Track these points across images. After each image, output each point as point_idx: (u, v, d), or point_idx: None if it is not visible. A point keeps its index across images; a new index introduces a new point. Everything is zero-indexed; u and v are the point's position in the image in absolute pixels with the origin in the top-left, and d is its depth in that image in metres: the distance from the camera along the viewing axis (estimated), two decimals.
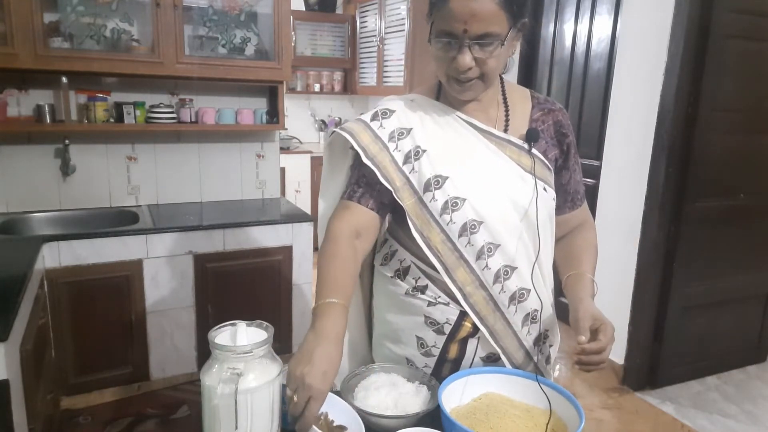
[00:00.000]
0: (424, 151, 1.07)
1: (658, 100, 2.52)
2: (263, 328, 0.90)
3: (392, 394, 1.02)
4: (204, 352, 2.59)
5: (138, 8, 2.55)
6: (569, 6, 3.32)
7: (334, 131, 1.11)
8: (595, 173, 3.07)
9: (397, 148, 1.08)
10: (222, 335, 0.88)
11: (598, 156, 3.01)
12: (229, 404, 0.81)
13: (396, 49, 4.46)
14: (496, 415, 0.97)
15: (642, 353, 2.75)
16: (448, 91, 1.08)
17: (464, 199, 1.05)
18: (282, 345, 2.80)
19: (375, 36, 4.72)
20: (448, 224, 1.05)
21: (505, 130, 1.10)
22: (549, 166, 1.11)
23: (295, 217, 2.79)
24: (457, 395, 1.02)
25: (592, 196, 3.03)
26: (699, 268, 2.71)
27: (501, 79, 1.14)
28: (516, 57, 1.10)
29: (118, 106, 2.64)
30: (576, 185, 1.19)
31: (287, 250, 2.73)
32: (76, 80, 2.53)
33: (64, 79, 2.42)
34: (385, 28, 4.56)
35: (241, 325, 0.88)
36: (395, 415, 0.96)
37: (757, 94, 2.64)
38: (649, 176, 2.61)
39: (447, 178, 1.05)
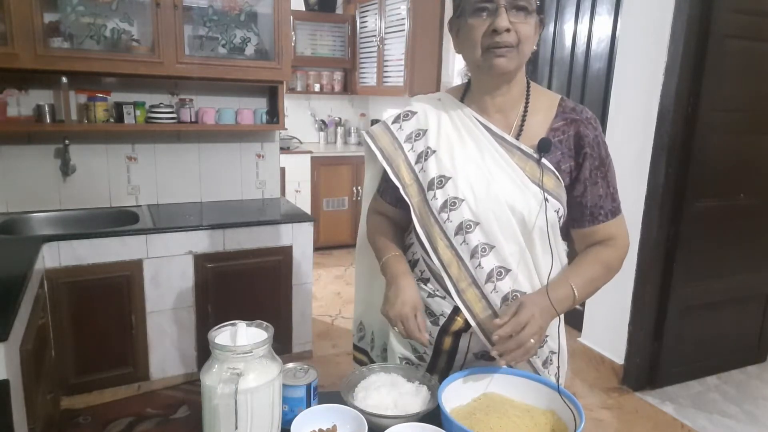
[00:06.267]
0: (434, 151, 1.13)
1: (658, 100, 2.52)
2: (263, 328, 0.90)
3: (392, 394, 1.02)
4: (204, 352, 2.59)
5: (138, 8, 2.55)
6: (569, 6, 3.32)
7: (362, 132, 1.26)
8: None
9: (412, 148, 1.17)
10: (222, 335, 0.88)
11: None
12: (229, 404, 0.81)
13: (396, 49, 4.46)
14: (496, 415, 0.97)
15: (642, 353, 2.75)
16: (482, 66, 1.05)
17: (462, 200, 1.09)
18: (282, 345, 2.81)
19: (375, 36, 4.72)
20: (445, 222, 1.11)
21: (518, 136, 1.11)
22: (559, 177, 1.09)
23: (295, 217, 2.79)
24: (457, 395, 1.02)
25: None
26: (699, 268, 2.71)
27: (529, 83, 1.14)
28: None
29: (118, 106, 2.64)
30: (596, 199, 1.12)
31: (287, 250, 2.73)
32: (76, 80, 2.53)
33: (64, 79, 2.42)
34: (385, 28, 4.56)
35: (241, 325, 0.88)
36: (395, 415, 0.97)
37: (757, 94, 2.64)
38: (649, 176, 2.61)
39: (450, 178, 1.10)
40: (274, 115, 2.96)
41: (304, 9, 4.95)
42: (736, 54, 2.50)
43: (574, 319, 3.21)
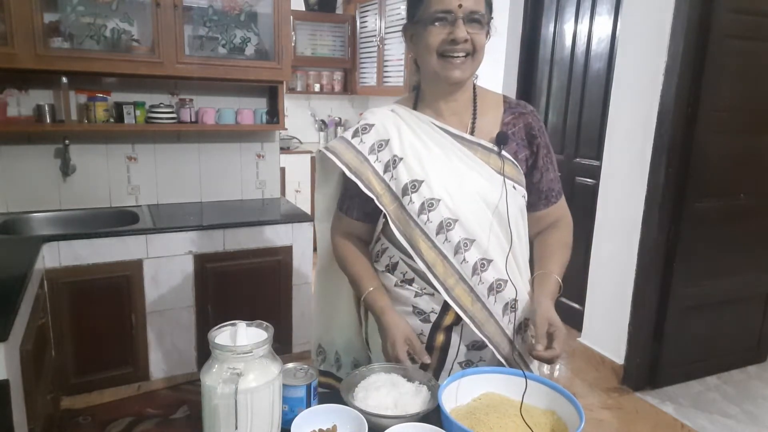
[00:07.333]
0: (400, 159, 1.17)
1: (658, 100, 2.52)
2: (263, 328, 0.90)
3: (392, 394, 1.02)
4: (204, 352, 2.59)
5: (138, 8, 2.55)
6: (569, 6, 3.32)
7: (320, 150, 1.23)
8: (595, 173, 3.07)
9: (377, 159, 1.19)
10: (222, 335, 0.88)
11: (598, 156, 3.01)
12: (229, 404, 0.81)
13: (396, 49, 4.46)
14: (496, 415, 0.97)
15: (642, 353, 2.75)
16: (439, 73, 1.12)
17: (439, 200, 1.13)
18: (282, 345, 2.81)
19: (375, 36, 4.72)
20: (425, 223, 1.14)
21: (472, 133, 1.19)
22: (518, 166, 1.19)
23: (295, 217, 2.79)
24: (457, 395, 1.02)
25: (592, 195, 3.04)
26: (699, 268, 2.71)
27: (474, 86, 1.22)
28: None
29: (118, 106, 2.64)
30: (549, 183, 1.24)
31: (287, 250, 2.73)
32: (76, 80, 2.53)
33: (64, 79, 2.42)
34: (385, 28, 4.56)
35: (241, 325, 0.88)
36: (395, 415, 0.96)
37: (757, 94, 2.64)
38: (649, 176, 2.61)
39: (422, 181, 1.14)
40: (274, 115, 2.96)
41: (304, 9, 4.95)
42: (736, 54, 2.50)
43: (574, 319, 3.21)
